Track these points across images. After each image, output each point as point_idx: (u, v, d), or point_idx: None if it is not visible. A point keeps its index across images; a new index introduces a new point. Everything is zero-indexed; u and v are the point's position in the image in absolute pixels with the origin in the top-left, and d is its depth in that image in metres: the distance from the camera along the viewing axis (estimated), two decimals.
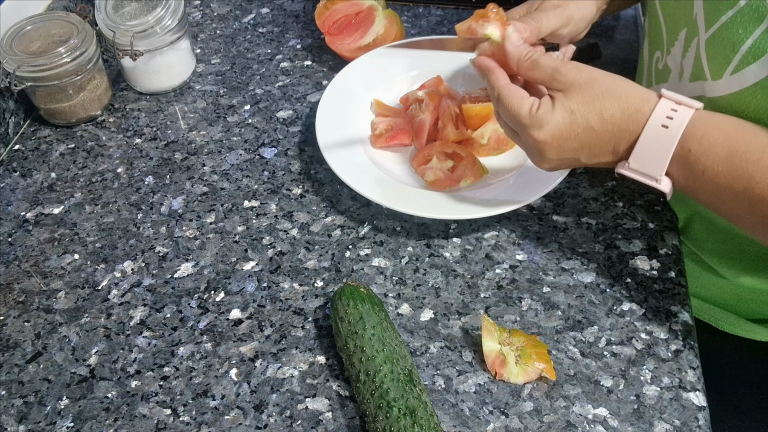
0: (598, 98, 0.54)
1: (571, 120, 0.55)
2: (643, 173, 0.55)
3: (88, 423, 0.58)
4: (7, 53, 0.76)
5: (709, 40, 0.56)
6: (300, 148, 0.79)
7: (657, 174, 0.54)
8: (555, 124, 0.55)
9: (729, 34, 0.54)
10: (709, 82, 0.57)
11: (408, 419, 0.51)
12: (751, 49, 0.52)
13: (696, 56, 0.59)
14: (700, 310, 0.74)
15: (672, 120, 0.52)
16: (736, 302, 0.72)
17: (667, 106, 0.53)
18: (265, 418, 0.57)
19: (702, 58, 0.58)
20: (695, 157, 0.52)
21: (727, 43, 0.54)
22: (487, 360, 0.58)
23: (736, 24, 0.53)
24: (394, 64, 0.82)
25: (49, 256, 0.70)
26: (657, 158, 0.54)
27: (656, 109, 0.53)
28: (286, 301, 0.65)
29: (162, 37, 0.81)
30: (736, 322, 0.72)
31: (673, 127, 0.52)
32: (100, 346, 0.63)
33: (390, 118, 0.77)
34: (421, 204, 0.68)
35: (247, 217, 0.73)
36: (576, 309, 0.63)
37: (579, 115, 0.55)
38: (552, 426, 0.56)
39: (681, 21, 0.61)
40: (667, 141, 0.53)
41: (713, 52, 0.56)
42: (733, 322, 0.72)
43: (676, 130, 0.52)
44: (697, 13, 0.58)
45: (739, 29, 0.53)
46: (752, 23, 0.52)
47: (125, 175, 0.77)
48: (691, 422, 0.56)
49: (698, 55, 0.59)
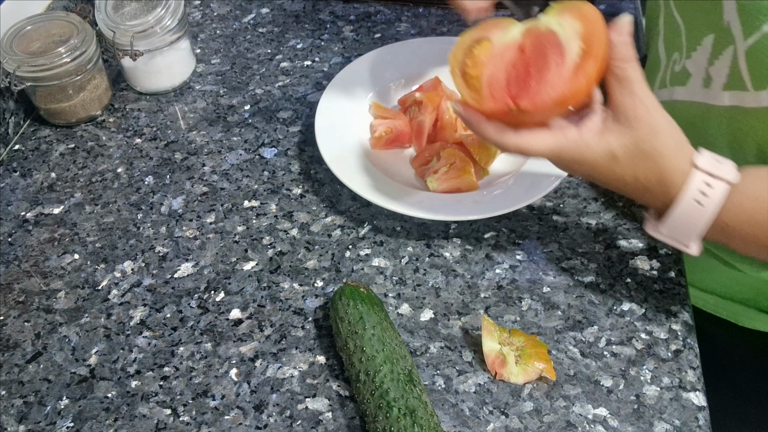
0: (642, 155, 0.51)
1: (608, 165, 0.52)
2: (674, 239, 0.54)
3: (88, 423, 0.58)
4: (7, 53, 0.76)
5: (751, 50, 0.55)
6: (300, 148, 0.79)
7: (688, 242, 0.54)
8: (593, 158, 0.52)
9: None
10: (751, 92, 0.56)
11: (408, 419, 0.51)
12: None
13: (732, 65, 0.57)
14: (718, 307, 0.72)
15: (706, 197, 0.50)
16: (755, 296, 0.70)
17: (701, 180, 0.51)
18: (265, 418, 0.57)
19: (741, 68, 0.56)
20: (732, 227, 0.51)
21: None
22: (487, 360, 0.58)
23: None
24: (394, 65, 0.82)
25: (49, 256, 0.70)
26: (689, 231, 0.52)
27: (690, 183, 0.51)
28: (286, 301, 0.65)
29: (162, 37, 0.81)
30: (756, 317, 0.71)
31: (707, 204, 0.51)
32: (100, 346, 0.63)
33: (389, 120, 0.77)
34: (421, 205, 0.68)
35: (247, 217, 0.73)
36: (576, 309, 0.63)
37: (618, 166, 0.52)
38: (552, 426, 0.56)
39: (704, 26, 0.59)
40: (702, 217, 0.51)
41: (755, 62, 0.54)
42: (752, 316, 0.71)
43: (711, 208, 0.51)
44: (729, 21, 0.56)
45: None
46: None
47: (125, 175, 0.77)
48: (691, 422, 0.56)
49: (735, 65, 0.57)
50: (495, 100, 0.52)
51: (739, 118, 0.58)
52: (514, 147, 0.53)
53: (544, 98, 0.50)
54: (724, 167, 0.51)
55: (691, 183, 0.51)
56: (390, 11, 0.97)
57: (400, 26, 0.94)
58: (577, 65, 0.49)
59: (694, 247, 0.54)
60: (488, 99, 0.52)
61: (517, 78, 0.52)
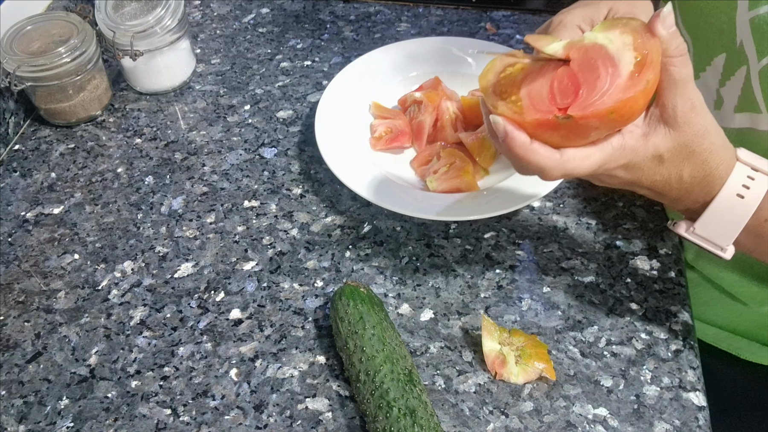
0: (691, 155, 0.48)
1: (654, 168, 0.49)
2: (708, 240, 0.51)
3: (88, 423, 0.58)
4: (7, 53, 0.76)
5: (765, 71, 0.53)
6: (300, 148, 0.79)
7: (724, 243, 0.51)
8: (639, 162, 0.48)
9: None
10: (764, 114, 0.54)
11: (408, 419, 0.51)
12: None
13: (745, 87, 0.55)
14: (718, 339, 0.70)
15: (749, 189, 0.48)
16: (758, 329, 0.68)
17: (743, 172, 0.49)
18: (265, 418, 0.57)
19: (755, 90, 0.54)
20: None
21: None
22: (487, 360, 0.58)
23: None
24: (393, 65, 0.82)
25: (49, 256, 0.70)
26: (727, 228, 0.50)
27: (732, 175, 0.49)
28: (286, 301, 0.65)
29: (162, 37, 0.81)
30: (759, 351, 0.69)
31: (749, 197, 0.48)
32: (100, 346, 0.63)
33: (389, 120, 0.77)
34: (421, 205, 0.68)
35: (247, 217, 0.73)
36: (576, 309, 0.63)
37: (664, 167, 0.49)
38: (552, 426, 0.56)
39: (715, 45, 0.57)
40: (742, 212, 0.49)
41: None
42: (754, 350, 0.69)
43: (753, 201, 0.48)
44: (742, 41, 0.55)
45: None
46: None
47: (125, 175, 0.77)
48: (691, 422, 0.56)
49: (748, 86, 0.55)
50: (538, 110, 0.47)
51: (752, 140, 0.56)
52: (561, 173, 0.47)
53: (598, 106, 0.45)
54: (764, 161, 0.49)
55: (734, 176, 0.49)
56: (390, 11, 0.97)
57: (400, 26, 0.94)
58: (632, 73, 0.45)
59: (730, 251, 0.51)
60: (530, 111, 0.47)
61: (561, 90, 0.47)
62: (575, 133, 0.46)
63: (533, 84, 0.48)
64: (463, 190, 0.70)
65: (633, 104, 0.45)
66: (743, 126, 0.57)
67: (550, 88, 0.47)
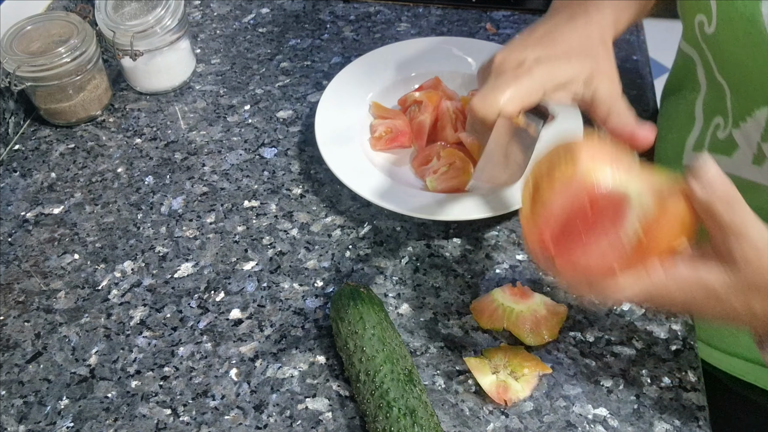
0: (759, 290, 0.44)
1: (713, 305, 0.45)
2: None
3: (88, 423, 0.58)
4: (7, 53, 0.76)
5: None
6: (300, 148, 0.79)
7: None
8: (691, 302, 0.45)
9: None
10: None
11: (408, 419, 0.51)
12: None
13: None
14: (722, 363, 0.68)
15: None
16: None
17: None
18: (265, 418, 0.57)
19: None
20: None
21: None
22: (492, 395, 0.56)
23: None
24: (394, 65, 0.82)
25: (49, 256, 0.70)
26: None
27: None
28: (286, 301, 0.65)
29: (162, 37, 0.81)
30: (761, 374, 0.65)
31: None
32: (100, 346, 0.63)
33: (389, 120, 0.77)
34: (421, 205, 0.68)
35: (247, 217, 0.73)
36: (576, 309, 0.63)
37: (726, 303, 0.45)
38: (552, 426, 0.56)
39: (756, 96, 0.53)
40: None
41: None
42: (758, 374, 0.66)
43: None
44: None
45: None
46: None
47: (125, 175, 0.77)
48: (691, 422, 0.56)
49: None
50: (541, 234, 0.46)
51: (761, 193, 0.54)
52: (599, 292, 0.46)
53: (576, 261, 0.45)
54: None
55: None
56: (390, 11, 0.97)
57: (400, 26, 0.94)
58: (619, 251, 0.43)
59: None
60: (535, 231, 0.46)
61: (568, 226, 0.45)
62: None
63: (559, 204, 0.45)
64: (463, 190, 0.70)
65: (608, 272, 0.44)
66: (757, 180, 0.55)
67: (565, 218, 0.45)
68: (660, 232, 0.43)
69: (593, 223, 0.44)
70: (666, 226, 0.43)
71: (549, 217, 0.45)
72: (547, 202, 0.45)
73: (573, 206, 0.44)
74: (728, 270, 0.44)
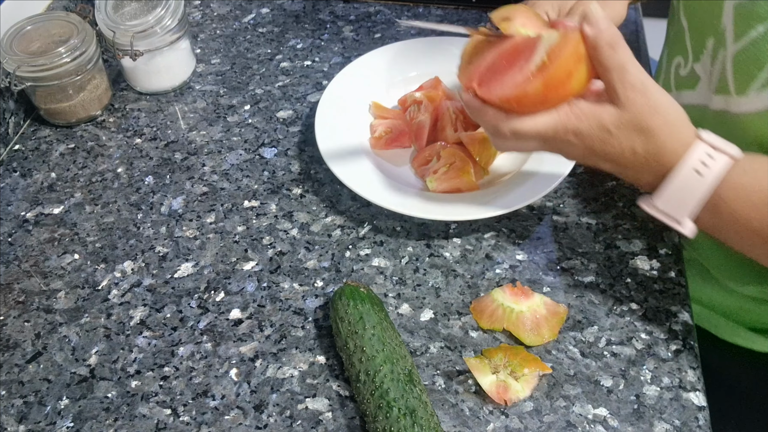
0: (642, 131, 0.51)
1: (603, 138, 0.52)
2: (666, 214, 0.53)
3: (88, 423, 0.58)
4: (7, 53, 0.76)
5: (738, 55, 0.55)
6: (300, 148, 0.79)
7: (681, 218, 0.53)
8: (587, 128, 0.52)
9: (758, 51, 0.53)
10: (734, 97, 0.56)
11: (408, 419, 0.51)
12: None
13: (722, 69, 0.57)
14: (700, 317, 0.72)
15: (707, 168, 0.50)
16: (737, 311, 0.70)
17: (703, 150, 0.50)
18: (265, 418, 0.57)
19: (727, 72, 0.56)
20: (727, 204, 0.50)
21: (754, 59, 0.53)
22: (492, 395, 0.56)
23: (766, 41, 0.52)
24: (393, 65, 0.82)
25: (49, 256, 0.70)
26: (685, 203, 0.52)
27: (691, 152, 0.50)
28: (286, 301, 0.65)
29: (162, 37, 0.81)
30: (736, 331, 0.70)
31: (707, 175, 0.50)
32: (100, 346, 0.63)
33: (389, 120, 0.77)
34: (421, 205, 0.68)
35: (247, 217, 0.73)
36: (576, 309, 0.63)
37: (615, 138, 0.52)
38: (552, 426, 0.56)
39: (708, 29, 0.59)
40: (699, 187, 0.50)
41: (740, 67, 0.54)
42: (732, 330, 0.70)
43: (711, 178, 0.50)
44: (726, 25, 0.56)
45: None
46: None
47: (125, 175, 0.77)
48: (691, 422, 0.56)
49: (724, 68, 0.57)
50: (468, 79, 0.57)
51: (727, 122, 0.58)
52: (509, 130, 0.54)
53: (495, 93, 0.54)
54: (727, 143, 0.51)
55: (693, 152, 0.50)
56: (390, 11, 0.97)
57: (400, 26, 0.94)
58: (528, 76, 0.51)
59: (688, 225, 0.53)
60: (465, 77, 0.58)
61: (493, 69, 0.55)
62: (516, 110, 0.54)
63: (481, 59, 0.57)
64: (463, 190, 0.70)
65: (522, 98, 0.52)
66: (720, 108, 0.59)
67: (491, 64, 0.55)
68: (561, 58, 0.51)
69: (512, 61, 0.53)
70: (566, 52, 0.51)
71: (480, 65, 0.56)
72: (480, 56, 0.57)
73: (499, 54, 0.55)
74: (616, 108, 0.51)
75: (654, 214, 0.54)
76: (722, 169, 0.50)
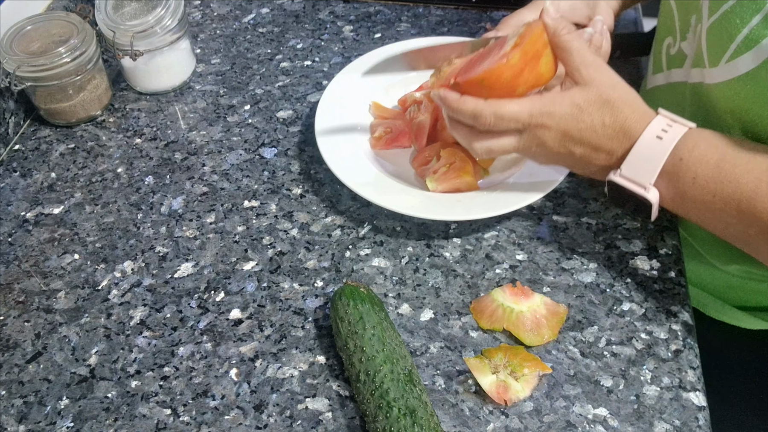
0: (607, 104, 0.58)
1: (576, 115, 0.58)
2: (633, 181, 0.58)
3: (88, 423, 0.58)
4: (7, 53, 0.76)
5: (710, 28, 0.58)
6: (300, 148, 0.79)
7: (647, 182, 0.58)
8: (561, 111, 0.58)
9: (727, 24, 0.56)
10: (707, 69, 0.59)
11: (408, 419, 0.51)
12: (746, 39, 0.54)
13: (698, 43, 0.61)
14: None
15: (666, 133, 0.57)
16: (724, 289, 0.73)
17: (662, 121, 0.57)
18: (265, 418, 0.57)
19: (702, 45, 0.60)
20: (686, 165, 0.56)
21: (724, 31, 0.56)
22: (492, 395, 0.56)
23: (735, 14, 0.55)
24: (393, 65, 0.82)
25: (49, 256, 0.70)
26: (649, 166, 0.57)
27: (652, 123, 0.57)
28: (286, 301, 0.65)
29: (162, 37, 0.81)
30: (722, 309, 0.74)
31: (666, 138, 0.56)
32: (100, 346, 0.63)
33: (389, 120, 0.77)
34: (421, 205, 0.68)
35: (247, 217, 0.73)
36: (576, 309, 0.63)
37: (586, 114, 0.58)
38: (552, 426, 0.56)
39: (692, 7, 0.63)
40: (660, 150, 0.57)
41: (712, 39, 0.58)
42: (719, 308, 0.74)
43: (670, 141, 0.56)
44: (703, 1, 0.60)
45: (737, 19, 0.55)
46: (750, 13, 0.54)
47: (125, 175, 0.77)
48: (691, 422, 0.56)
49: (700, 42, 0.61)
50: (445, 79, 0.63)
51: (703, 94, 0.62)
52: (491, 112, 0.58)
53: (471, 75, 0.59)
54: (683, 119, 0.58)
55: (655, 123, 0.57)
56: (390, 11, 0.97)
57: (400, 26, 0.94)
58: (503, 54, 0.57)
59: (653, 192, 0.58)
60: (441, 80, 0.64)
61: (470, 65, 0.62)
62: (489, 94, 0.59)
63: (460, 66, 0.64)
64: (463, 190, 0.70)
65: (499, 74, 0.57)
66: (696, 81, 0.62)
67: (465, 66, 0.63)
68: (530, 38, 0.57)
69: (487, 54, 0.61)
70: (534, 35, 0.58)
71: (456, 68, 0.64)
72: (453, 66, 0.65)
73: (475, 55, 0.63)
74: (582, 87, 0.58)
75: (621, 182, 0.59)
76: (679, 134, 0.56)
